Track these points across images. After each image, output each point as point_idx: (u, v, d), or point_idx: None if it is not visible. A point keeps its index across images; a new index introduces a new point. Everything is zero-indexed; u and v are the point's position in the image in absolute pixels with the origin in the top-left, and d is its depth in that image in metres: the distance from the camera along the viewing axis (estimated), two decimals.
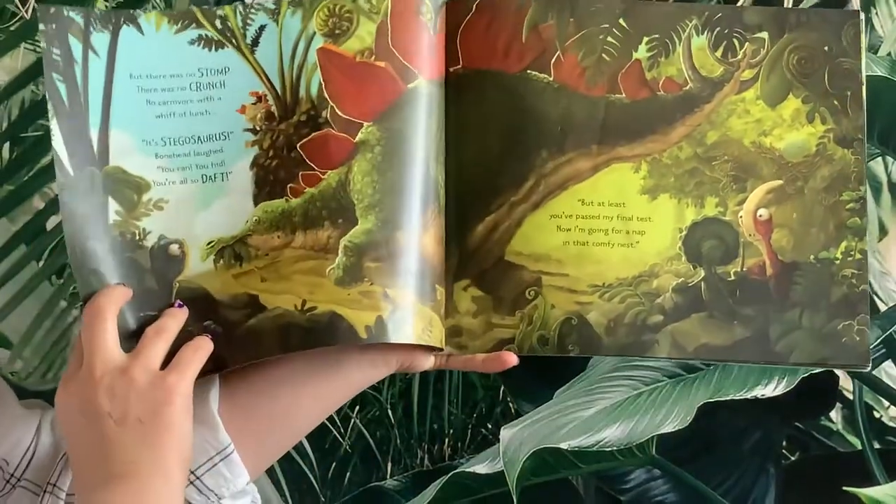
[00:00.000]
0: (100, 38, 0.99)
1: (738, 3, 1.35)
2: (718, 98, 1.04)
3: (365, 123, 1.01)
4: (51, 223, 1.39)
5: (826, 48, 1.04)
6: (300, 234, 0.99)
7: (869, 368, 1.00)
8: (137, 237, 0.98)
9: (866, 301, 1.01)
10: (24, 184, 1.39)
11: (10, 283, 1.38)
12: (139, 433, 0.89)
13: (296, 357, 0.99)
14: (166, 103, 1.00)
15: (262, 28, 1.02)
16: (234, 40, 1.02)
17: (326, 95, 1.01)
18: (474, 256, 1.02)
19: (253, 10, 1.01)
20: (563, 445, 1.35)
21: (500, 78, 1.04)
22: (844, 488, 1.30)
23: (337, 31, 1.02)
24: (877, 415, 1.34)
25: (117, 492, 0.87)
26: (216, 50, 1.01)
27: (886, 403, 1.39)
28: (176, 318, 0.95)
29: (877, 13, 1.39)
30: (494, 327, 1.02)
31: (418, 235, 1.00)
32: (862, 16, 1.07)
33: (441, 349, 1.00)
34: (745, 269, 1.02)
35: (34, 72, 1.36)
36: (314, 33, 1.01)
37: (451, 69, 1.05)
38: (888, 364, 1.36)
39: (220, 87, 1.01)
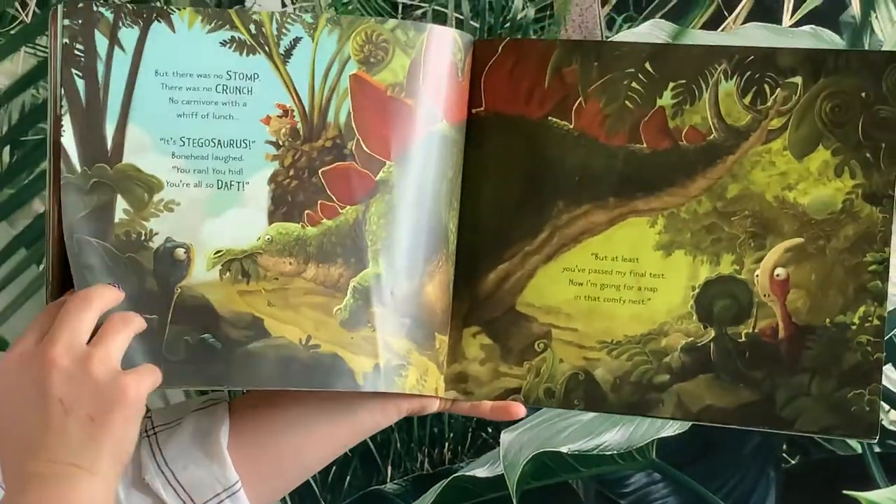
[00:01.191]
0: (128, 34, 0.98)
1: None
2: (743, 149, 1.01)
3: (387, 162, 1.01)
4: None
5: (863, 94, 1.00)
6: (313, 266, 1.00)
7: (876, 440, 0.97)
8: (143, 237, 0.97)
9: (880, 370, 0.99)
10: (25, 187, 1.42)
11: (11, 287, 1.42)
12: (86, 430, 0.87)
13: (308, 398, 1.02)
14: (190, 103, 0.99)
15: (296, 40, 1.01)
16: (266, 47, 1.01)
17: (354, 126, 1.01)
18: (485, 304, 1.04)
19: (290, 21, 1.01)
20: (564, 449, 1.37)
21: (521, 123, 1.04)
22: (845, 492, 1.28)
23: (371, 60, 1.02)
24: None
25: (52, 495, 0.86)
26: (247, 55, 1.00)
27: (887, 407, 1.36)
28: (131, 324, 0.93)
29: (876, 16, 1.31)
30: (501, 376, 1.03)
31: (423, 284, 1.02)
32: None
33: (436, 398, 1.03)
34: (756, 331, 1.00)
35: (35, 75, 1.38)
36: (349, 57, 1.02)
37: (474, 111, 1.05)
38: (888, 368, 1.33)
39: (247, 93, 1.00)
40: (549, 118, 1.04)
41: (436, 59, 1.03)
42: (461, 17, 1.34)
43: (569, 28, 1.33)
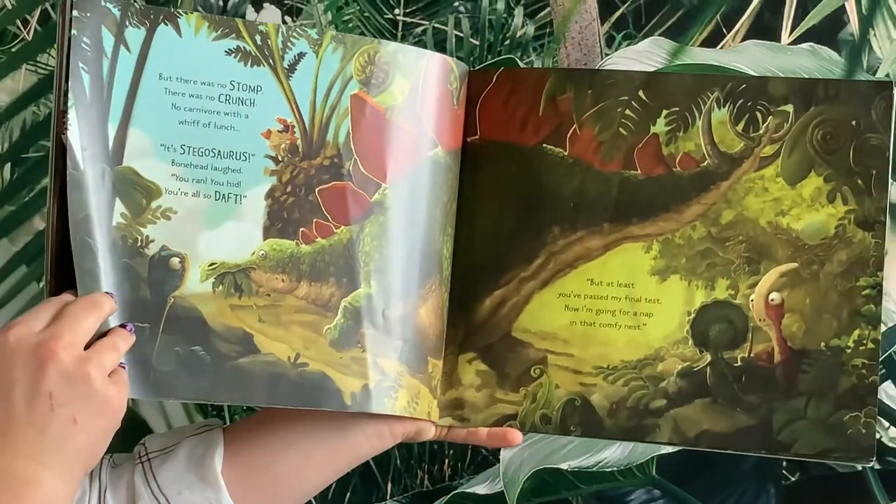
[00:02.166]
0: (134, 34, 0.97)
1: None
2: (736, 175, 1.02)
3: (383, 184, 1.02)
4: None
5: (854, 122, 1.01)
6: (305, 284, 1.00)
7: (873, 463, 0.97)
8: (139, 244, 0.96)
9: (875, 393, 1.00)
10: (25, 204, 1.42)
11: (11, 304, 1.42)
12: (66, 431, 0.86)
13: (303, 423, 1.02)
14: (192, 110, 0.99)
15: (301, 55, 1.01)
16: (270, 60, 1.01)
17: (352, 147, 1.02)
18: (481, 330, 1.04)
19: (295, 35, 1.01)
20: (563, 466, 1.37)
21: (516, 151, 1.05)
22: None
23: (373, 81, 1.03)
24: (877, 435, 1.32)
25: (16, 493, 0.84)
26: (252, 66, 1.00)
27: (886, 424, 1.37)
28: (128, 343, 0.93)
29: (875, 34, 1.33)
30: (497, 402, 1.03)
31: (416, 307, 1.03)
32: None
33: (427, 422, 1.03)
34: (752, 355, 1.01)
35: (35, 93, 1.39)
36: (351, 77, 1.02)
37: (469, 139, 1.06)
38: (888, 384, 1.34)
39: (249, 105, 1.00)
40: (544, 145, 1.04)
41: (433, 85, 1.04)
42: (461, 34, 1.35)
43: (568, 45, 1.34)
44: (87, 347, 0.90)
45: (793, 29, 1.33)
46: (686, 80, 1.04)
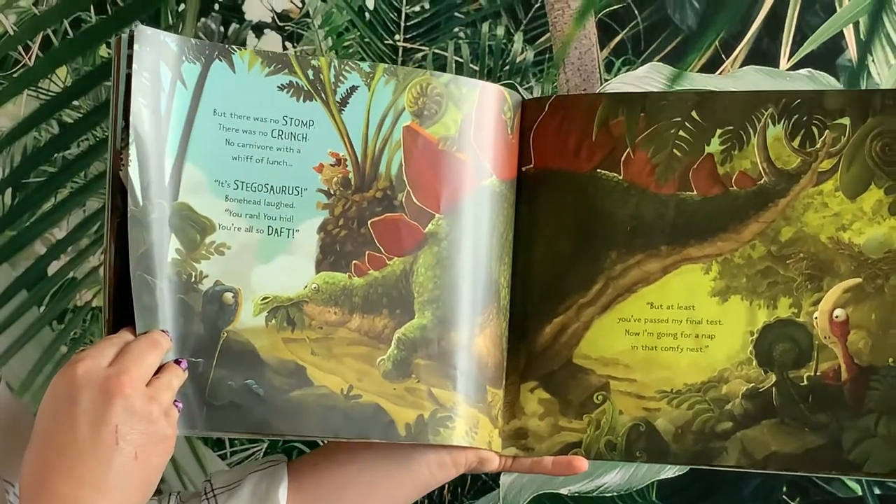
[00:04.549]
0: (190, 69, 0.98)
1: None
2: (794, 191, 1.00)
3: (436, 215, 1.02)
4: (52, 268, 1.44)
5: None
6: (357, 316, 1.00)
7: None
8: (193, 279, 0.97)
9: None
10: (26, 229, 1.43)
11: (11, 329, 1.43)
12: (128, 465, 0.87)
13: (366, 454, 1.02)
14: (245, 146, 0.99)
15: (353, 89, 1.02)
16: (323, 94, 1.01)
17: (405, 178, 1.02)
18: (542, 358, 1.03)
19: (347, 68, 1.02)
20: (563, 491, 1.36)
21: (571, 178, 1.04)
22: None
23: (425, 113, 1.03)
24: None
25: None
26: (304, 101, 1.01)
27: None
28: (181, 380, 0.94)
29: (873, 59, 1.31)
30: (561, 430, 1.02)
31: (472, 336, 1.02)
32: None
33: (490, 451, 1.02)
34: (818, 374, 0.98)
35: (36, 118, 1.40)
36: (403, 109, 1.03)
37: (524, 168, 1.04)
38: None
39: (301, 140, 1.00)
40: (599, 170, 1.03)
41: (487, 115, 1.03)
42: (461, 60, 1.35)
43: (567, 71, 1.34)
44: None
45: (791, 55, 1.31)
46: (739, 97, 1.03)
